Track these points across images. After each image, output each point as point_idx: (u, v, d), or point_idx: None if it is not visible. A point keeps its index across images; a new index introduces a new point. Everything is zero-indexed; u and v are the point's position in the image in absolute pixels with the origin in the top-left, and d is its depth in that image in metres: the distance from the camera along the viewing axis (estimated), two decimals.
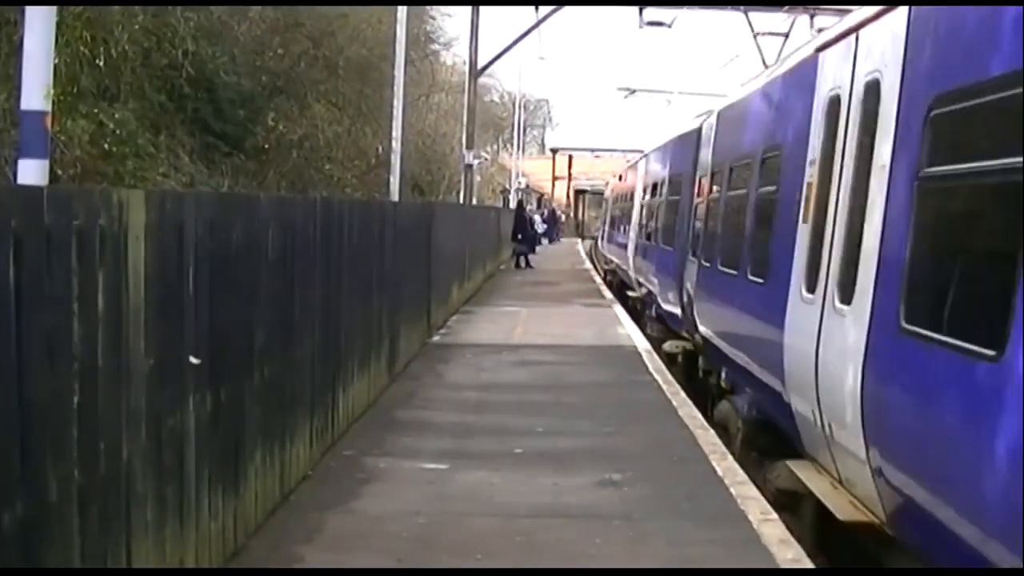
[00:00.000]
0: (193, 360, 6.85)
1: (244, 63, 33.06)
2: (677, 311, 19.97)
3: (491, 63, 42.16)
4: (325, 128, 36.21)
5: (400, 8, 25.86)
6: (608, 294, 33.33)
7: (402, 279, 16.72)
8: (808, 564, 8.37)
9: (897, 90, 8.48)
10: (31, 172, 7.56)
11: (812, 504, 9.97)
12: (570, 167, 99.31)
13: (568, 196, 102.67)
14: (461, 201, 40.80)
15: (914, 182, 7.77)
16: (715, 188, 17.22)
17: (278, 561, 8.00)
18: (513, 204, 58.56)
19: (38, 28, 7.62)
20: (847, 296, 9.06)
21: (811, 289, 10.24)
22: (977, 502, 6.31)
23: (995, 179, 6.61)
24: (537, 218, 65.93)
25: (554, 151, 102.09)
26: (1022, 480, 5.58)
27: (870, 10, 9.54)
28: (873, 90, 9.12)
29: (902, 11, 8.61)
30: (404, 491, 10.00)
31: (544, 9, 38.15)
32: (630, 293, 31.47)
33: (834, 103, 10.31)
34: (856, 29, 9.94)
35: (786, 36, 30.72)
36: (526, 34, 39.68)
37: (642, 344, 20.73)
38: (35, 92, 7.62)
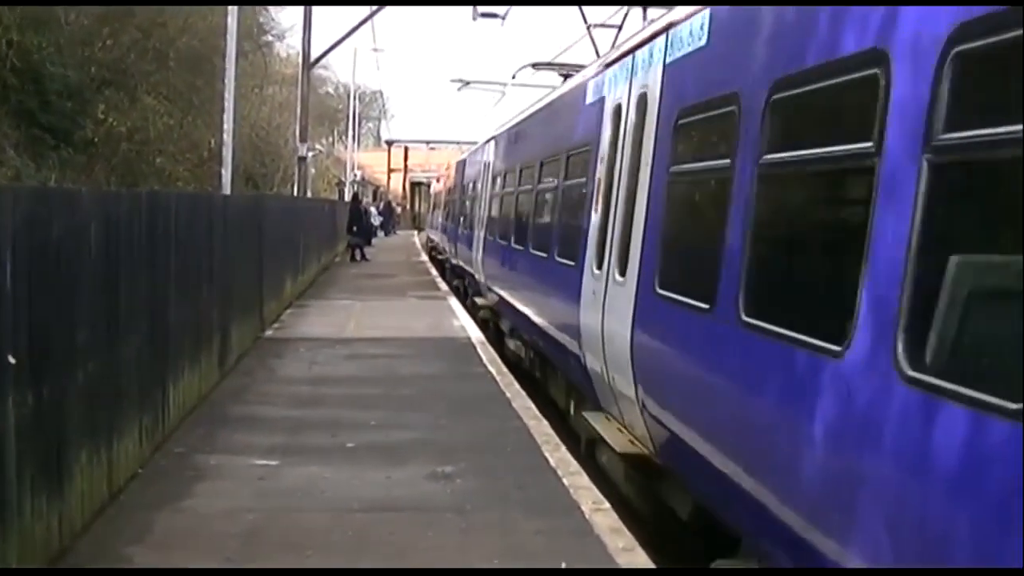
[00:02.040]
0: (10, 359, 6.69)
1: (72, 54, 32.30)
2: (456, 261, 34.20)
3: (324, 54, 41.84)
4: (156, 121, 35.56)
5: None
6: (444, 286, 33.42)
7: (233, 273, 16.55)
8: (641, 554, 8.49)
9: (494, 162, 25.04)
10: None
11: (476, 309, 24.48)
12: (406, 159, 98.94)
13: (404, 188, 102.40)
14: (295, 194, 40.42)
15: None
16: (467, 194, 32.46)
17: (105, 562, 7.87)
18: (349, 197, 58.23)
19: None
20: (469, 226, 28.77)
21: (471, 228, 27.68)
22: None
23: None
24: (373, 210, 65.63)
25: (389, 143, 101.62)
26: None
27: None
28: (489, 168, 26.46)
29: (493, 141, 26.53)
30: (235, 488, 9.92)
31: None
32: (439, 256, 45.45)
33: (484, 168, 26.41)
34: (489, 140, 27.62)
35: (619, 28, 31.09)
36: (360, 25, 39.48)
37: (476, 336, 20.83)
38: None
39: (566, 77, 19.03)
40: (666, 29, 10.05)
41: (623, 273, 10.60)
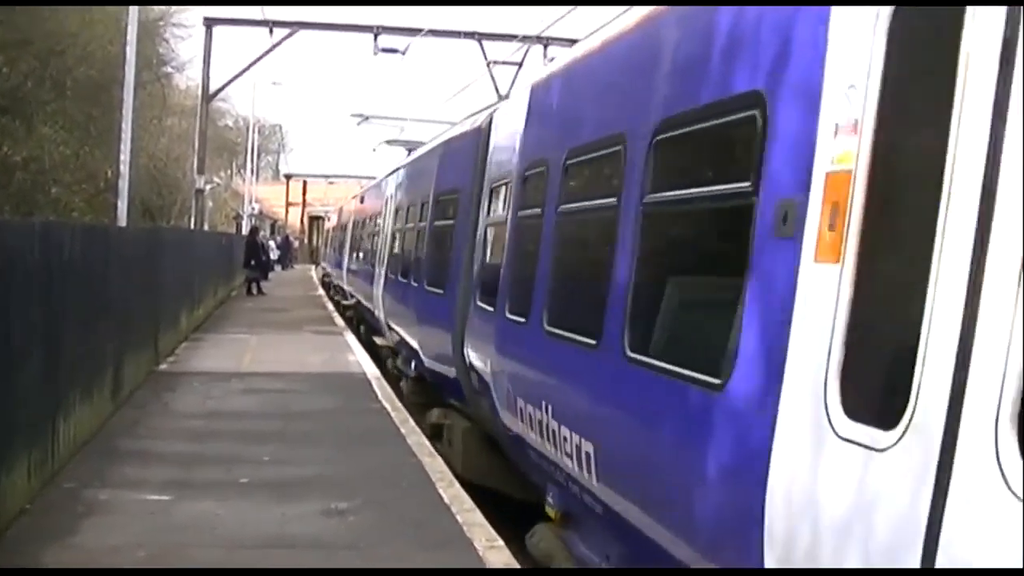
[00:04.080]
0: None
1: None
2: (337, 282, 44.21)
3: (224, 87, 41.75)
4: (52, 151, 35.16)
5: (131, 29, 25.23)
6: (340, 322, 33.35)
7: (128, 306, 16.39)
8: None
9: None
10: None
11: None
12: (304, 193, 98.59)
13: (302, 222, 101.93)
14: (192, 226, 40.11)
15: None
16: (341, 234, 43.92)
17: None
18: (247, 230, 57.92)
19: None
20: (341, 254, 42.29)
21: (342, 255, 41.19)
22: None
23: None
24: (271, 244, 65.29)
25: (288, 177, 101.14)
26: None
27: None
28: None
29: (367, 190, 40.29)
30: (126, 523, 9.80)
31: (279, 33, 37.98)
32: (327, 279, 54.61)
33: (348, 215, 43.52)
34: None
35: (520, 65, 31.34)
36: (260, 58, 39.46)
37: (372, 371, 20.81)
38: None
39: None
40: (397, 169, 25.28)
41: (384, 268, 23.22)
